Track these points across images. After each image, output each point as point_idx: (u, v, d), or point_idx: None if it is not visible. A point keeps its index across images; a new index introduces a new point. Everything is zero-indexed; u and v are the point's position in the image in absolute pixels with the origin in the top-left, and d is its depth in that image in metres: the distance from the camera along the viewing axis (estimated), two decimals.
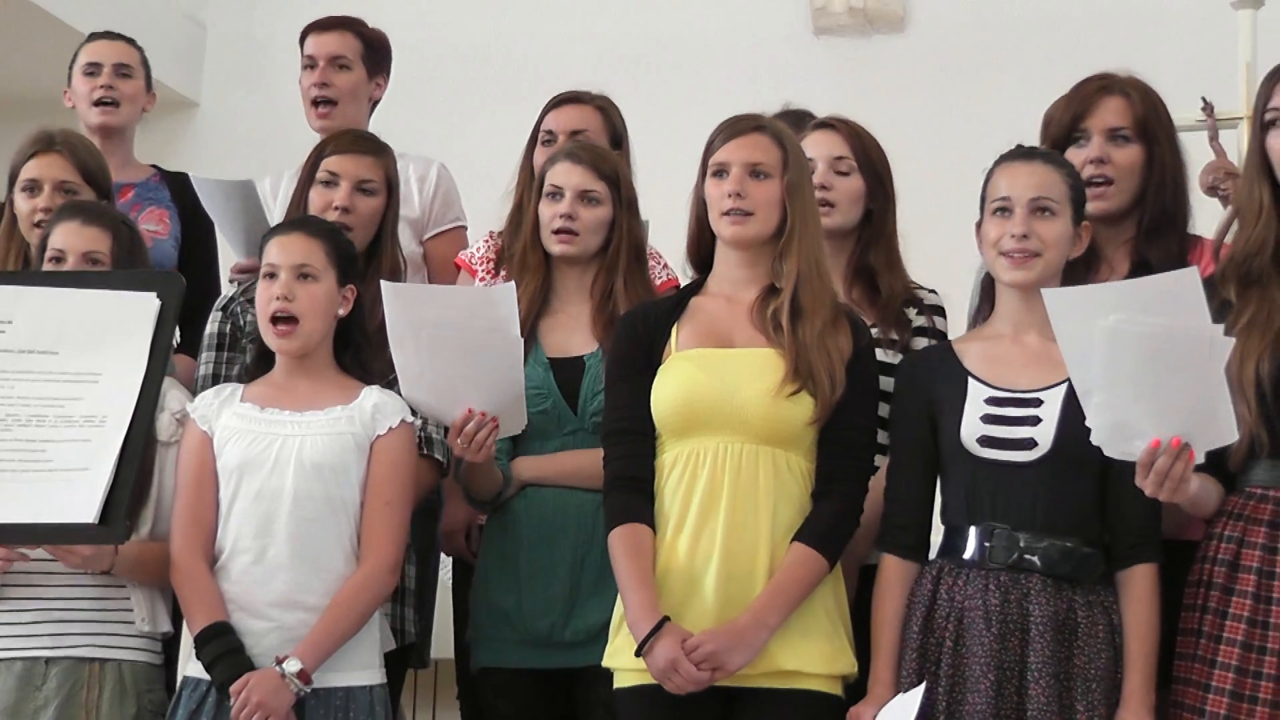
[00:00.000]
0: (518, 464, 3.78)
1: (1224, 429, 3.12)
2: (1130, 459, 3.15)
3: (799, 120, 4.28)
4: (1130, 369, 3.08)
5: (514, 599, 3.74)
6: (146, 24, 4.90)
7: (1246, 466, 3.32)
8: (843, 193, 3.83)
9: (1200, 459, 3.14)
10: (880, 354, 3.66)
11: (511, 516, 3.79)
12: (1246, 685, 3.23)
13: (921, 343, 3.73)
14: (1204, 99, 4.79)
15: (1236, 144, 5.05)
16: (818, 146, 3.85)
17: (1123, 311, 3.07)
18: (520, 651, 3.74)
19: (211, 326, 4.04)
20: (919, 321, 3.78)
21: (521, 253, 3.91)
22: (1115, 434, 3.15)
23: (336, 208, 3.98)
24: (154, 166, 4.78)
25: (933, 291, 3.88)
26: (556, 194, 3.85)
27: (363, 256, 3.96)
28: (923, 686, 3.23)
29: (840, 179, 3.84)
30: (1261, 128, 3.39)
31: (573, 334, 3.82)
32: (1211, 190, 4.49)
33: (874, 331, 3.69)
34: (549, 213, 3.84)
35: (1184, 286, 3.10)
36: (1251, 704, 3.22)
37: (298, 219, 3.87)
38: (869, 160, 3.86)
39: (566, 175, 3.86)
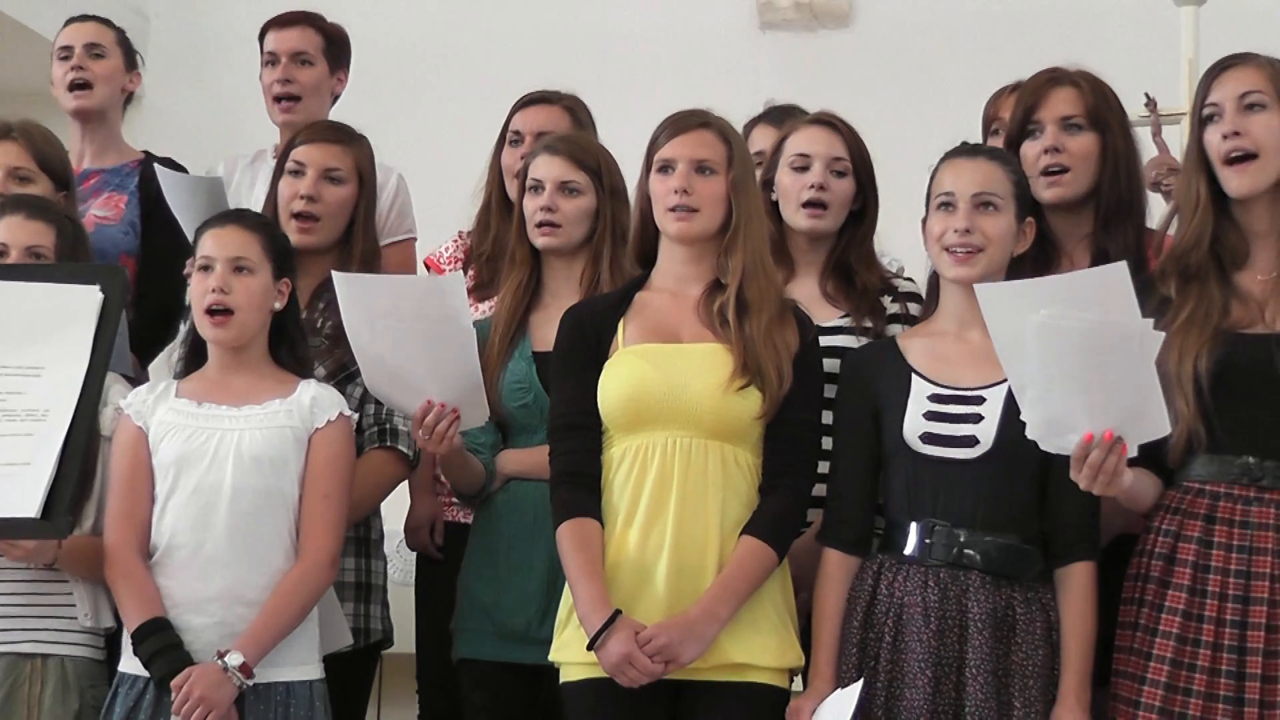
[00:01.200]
0: (502, 458, 3.80)
1: (1156, 422, 3.15)
2: (1064, 453, 3.18)
3: (785, 116, 4.27)
4: (1062, 364, 3.10)
5: (493, 593, 3.75)
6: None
7: (1185, 462, 3.35)
8: (837, 195, 3.80)
9: (1133, 452, 3.17)
10: (853, 341, 3.69)
11: (495, 510, 3.80)
12: (1181, 677, 3.26)
13: (895, 329, 3.72)
14: (1147, 95, 4.81)
15: (1180, 140, 5.08)
16: (815, 143, 3.82)
17: (1054, 307, 3.09)
18: (497, 645, 3.75)
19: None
20: (894, 309, 3.78)
21: (511, 249, 3.91)
22: (1049, 428, 3.17)
23: (302, 196, 3.98)
24: (145, 153, 4.73)
25: (909, 279, 3.88)
26: (537, 187, 3.85)
27: (337, 247, 3.97)
28: (861, 682, 3.26)
29: (837, 180, 3.80)
30: (1200, 123, 3.41)
31: None
32: (1155, 186, 4.51)
33: (847, 321, 3.72)
34: (531, 206, 3.85)
35: (1113, 282, 3.12)
36: (1185, 695, 3.25)
37: (233, 211, 3.86)
38: (863, 161, 3.83)
39: (546, 168, 3.85)
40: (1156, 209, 4.02)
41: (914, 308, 3.79)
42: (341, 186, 4.03)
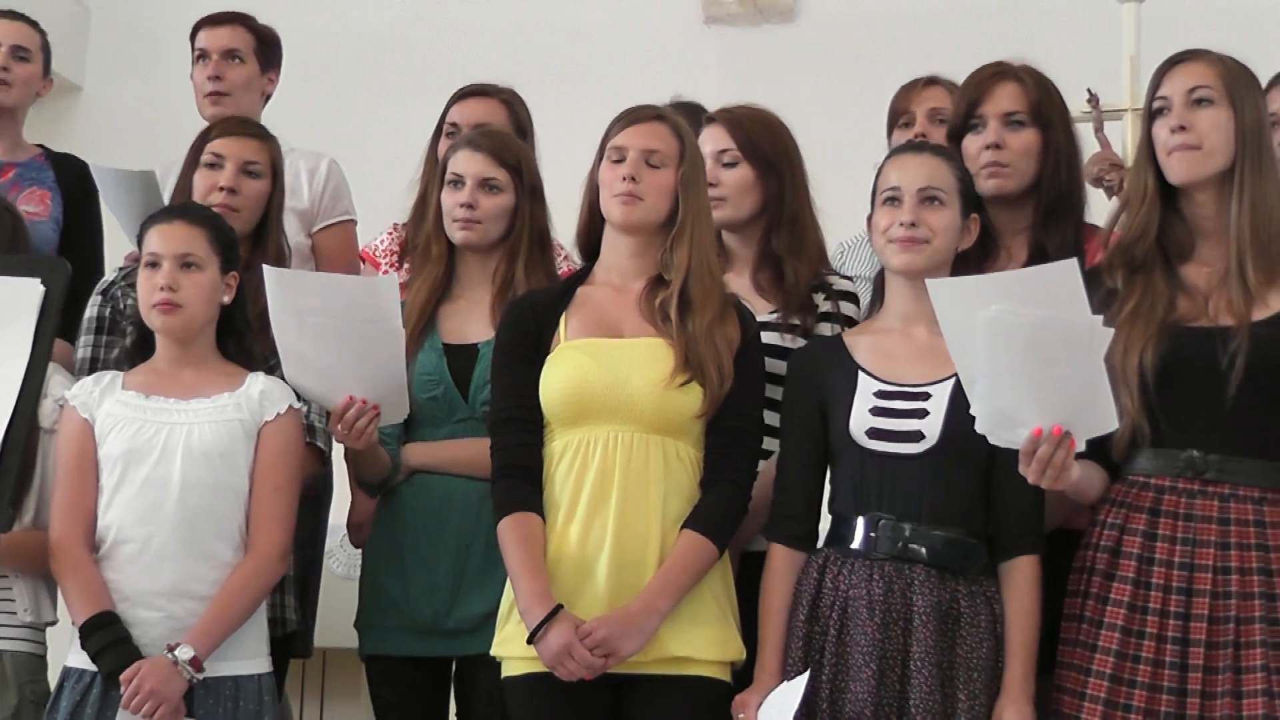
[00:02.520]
0: (407, 450, 3.79)
1: (1104, 418, 3.17)
2: (1013, 447, 3.19)
3: (691, 113, 4.29)
4: (1012, 359, 3.12)
5: (399, 586, 3.75)
6: (30, 5, 4.83)
7: (1130, 455, 3.36)
8: (730, 185, 3.81)
9: (1081, 447, 3.18)
10: (780, 339, 3.69)
11: (399, 503, 3.79)
12: (1125, 669, 3.27)
13: (826, 329, 3.74)
14: (1090, 91, 4.84)
15: (1121, 136, 5.11)
16: (703, 144, 3.83)
17: (1005, 302, 3.10)
18: (404, 639, 3.74)
19: (91, 310, 4.00)
20: (825, 307, 3.78)
21: (425, 241, 3.91)
22: (998, 422, 3.18)
23: (222, 188, 3.96)
24: (40, 147, 4.72)
25: (847, 277, 3.88)
26: (458, 182, 3.84)
27: (248, 240, 3.95)
28: (806, 675, 3.26)
29: (726, 171, 3.81)
30: (1150, 116, 3.44)
31: (471, 321, 3.82)
32: (1096, 181, 4.54)
33: (775, 317, 3.72)
34: (450, 201, 3.84)
35: (1064, 278, 3.13)
36: (1130, 686, 3.26)
37: (178, 206, 3.84)
38: (755, 147, 3.82)
39: (467, 163, 3.85)
40: (1098, 204, 4.05)
41: (847, 306, 3.79)
42: (259, 181, 4.03)
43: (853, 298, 3.82)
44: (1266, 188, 3.36)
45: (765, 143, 3.84)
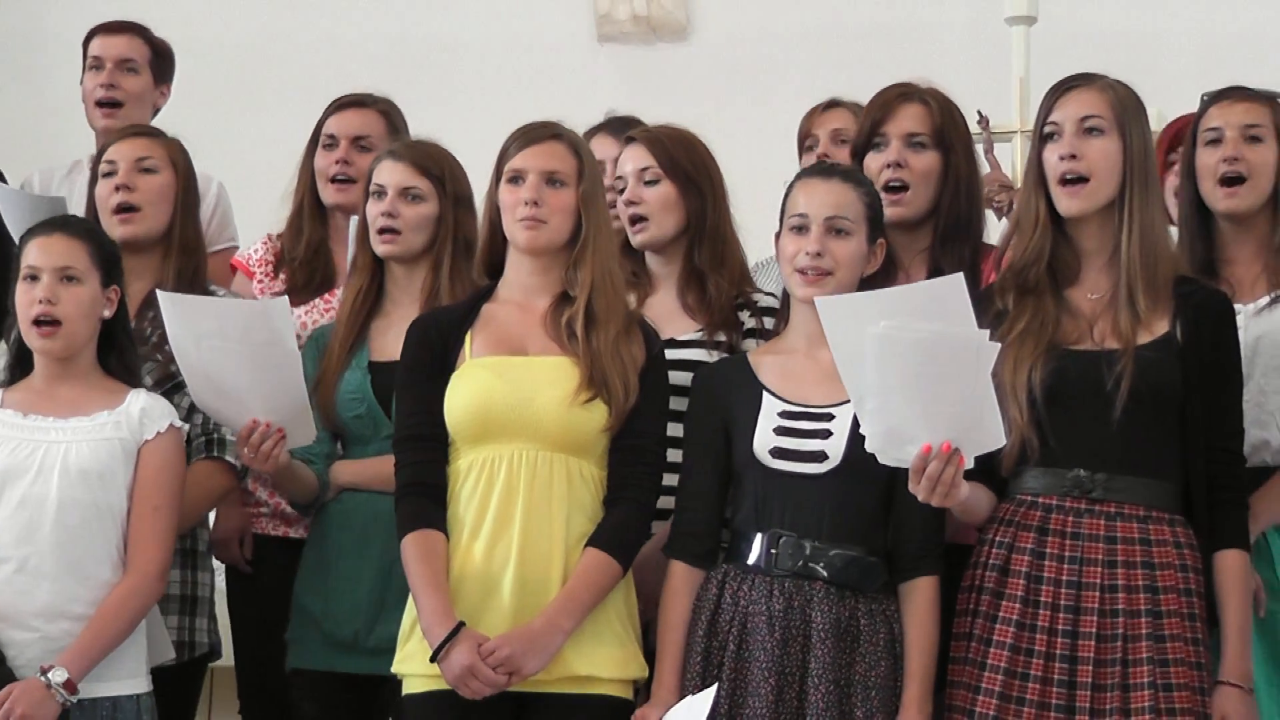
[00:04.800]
0: (336, 468, 3.78)
1: (992, 434, 3.19)
2: (903, 465, 3.21)
3: (624, 126, 4.27)
4: (901, 375, 3.13)
5: (322, 603, 3.74)
6: None
7: (1017, 473, 3.39)
8: (653, 203, 3.80)
9: (970, 464, 3.20)
10: (706, 355, 3.69)
11: (327, 521, 3.78)
12: (1014, 687, 3.30)
13: (753, 344, 3.73)
14: (980, 112, 4.87)
15: (1011, 157, 5.15)
16: (625, 162, 3.85)
17: (892, 318, 3.11)
18: (327, 654, 3.73)
19: None
20: (750, 323, 3.78)
21: (354, 255, 3.88)
22: (888, 440, 3.20)
23: (118, 188, 3.93)
24: None
25: (770, 294, 3.88)
26: (379, 193, 3.82)
27: (161, 240, 3.93)
28: (713, 689, 3.26)
29: (648, 189, 3.81)
30: (1040, 139, 3.46)
31: (399, 337, 3.77)
32: (986, 202, 4.57)
33: (701, 334, 3.73)
34: (372, 212, 3.82)
35: (951, 293, 3.16)
36: (1019, 705, 3.29)
37: (58, 219, 3.78)
38: (675, 164, 3.82)
39: (388, 173, 3.83)
40: (988, 224, 4.07)
41: (771, 322, 3.79)
42: (156, 175, 3.98)
43: (775, 313, 3.81)
44: (1153, 215, 3.41)
45: (685, 159, 3.84)
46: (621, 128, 4.26)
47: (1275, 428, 3.51)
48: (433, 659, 3.31)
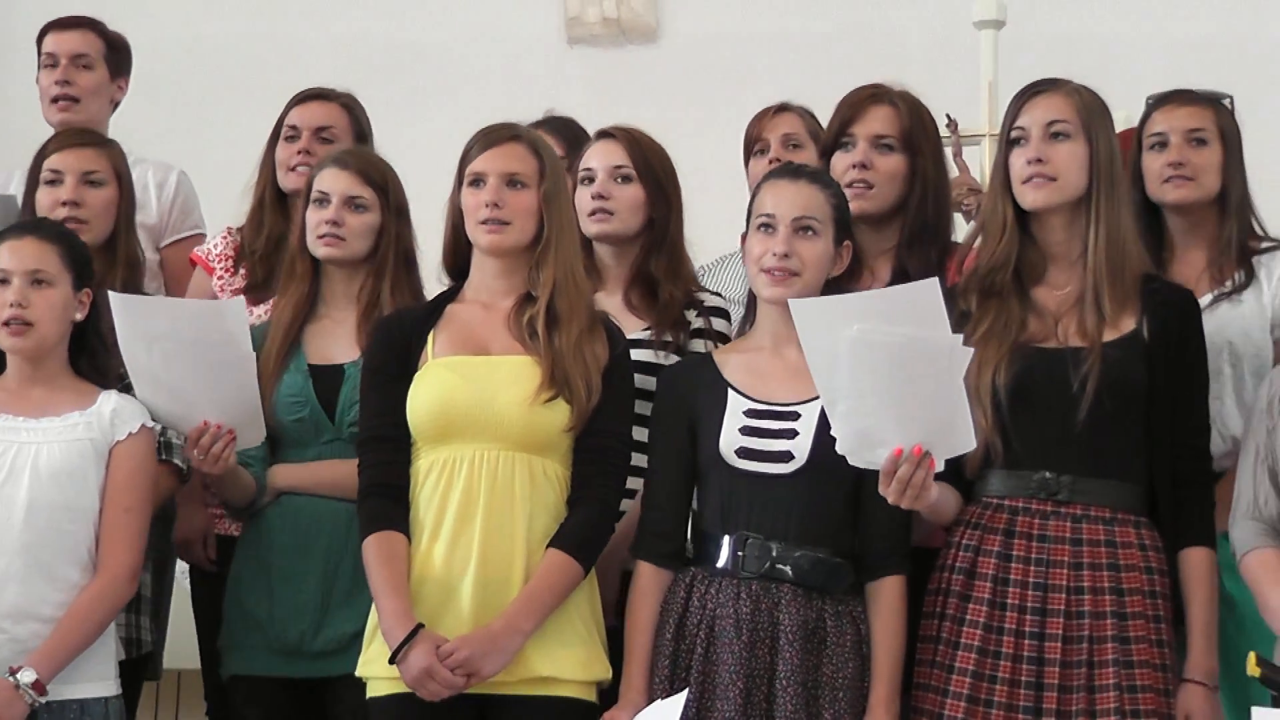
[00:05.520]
0: (274, 472, 3.76)
1: (963, 437, 3.20)
2: (874, 467, 3.21)
3: (562, 127, 4.28)
4: (873, 378, 3.14)
5: (265, 607, 3.71)
6: None
7: (983, 475, 3.41)
8: (622, 201, 3.82)
9: (940, 467, 3.21)
10: (652, 355, 3.70)
11: (266, 524, 3.76)
12: (981, 689, 3.31)
13: (699, 345, 3.75)
14: (948, 116, 4.88)
15: (979, 161, 5.17)
16: (598, 156, 3.86)
17: (866, 321, 3.13)
18: (270, 659, 3.71)
19: None
20: (698, 323, 3.79)
21: (290, 259, 3.87)
22: (860, 443, 3.20)
23: (64, 203, 3.92)
24: None
25: (717, 294, 3.90)
26: (323, 200, 3.81)
27: (102, 252, 3.90)
28: (685, 693, 3.24)
29: (619, 187, 3.83)
30: (1007, 143, 3.48)
31: (336, 341, 3.79)
32: (955, 205, 4.58)
33: (648, 334, 3.73)
34: (315, 218, 3.81)
35: (925, 297, 3.17)
36: (986, 707, 3.30)
37: (30, 222, 3.80)
38: (649, 168, 3.84)
39: (333, 181, 3.81)
40: (957, 228, 4.08)
41: (718, 323, 3.81)
42: (102, 189, 3.99)
43: (724, 314, 3.84)
44: (1120, 216, 3.43)
45: (659, 167, 3.87)
46: (560, 127, 4.28)
47: (1215, 432, 3.53)
48: (392, 660, 3.31)
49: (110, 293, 3.55)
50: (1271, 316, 3.73)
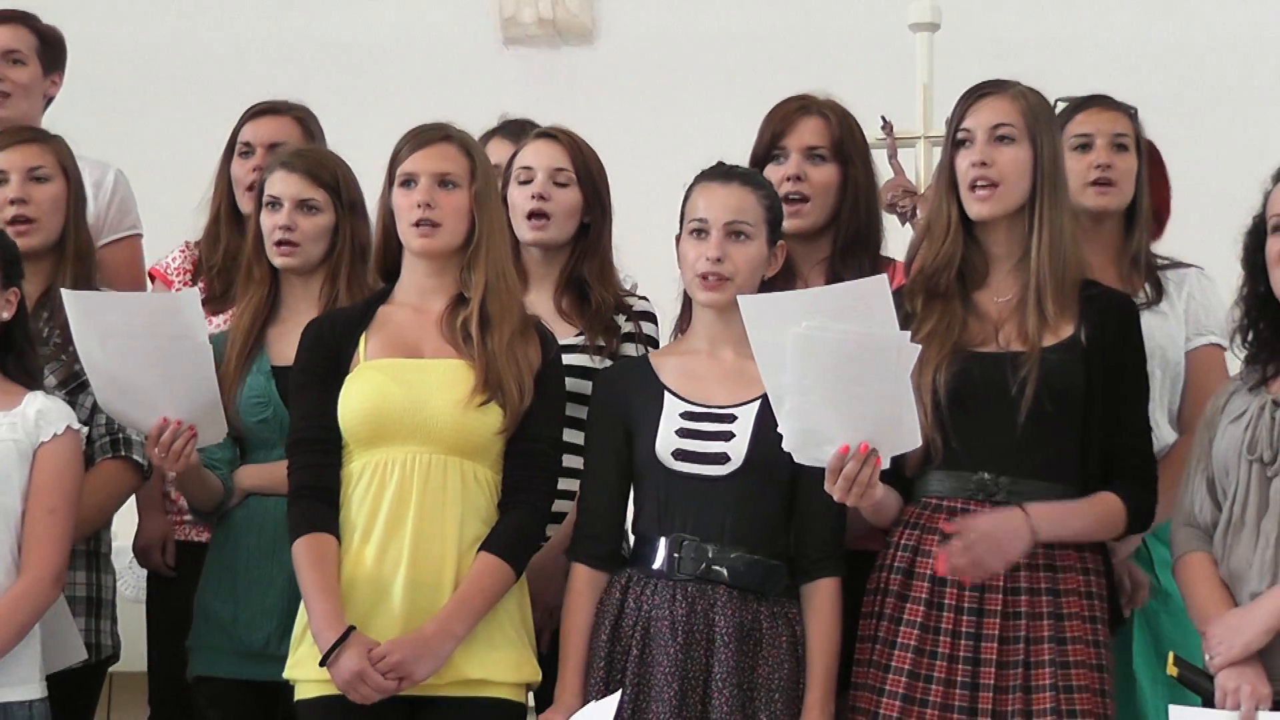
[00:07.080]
0: (240, 473, 3.74)
1: (909, 435, 3.20)
2: (820, 465, 3.21)
3: (519, 130, 4.26)
4: (820, 375, 3.14)
5: (231, 609, 3.69)
6: None
7: (922, 475, 3.41)
8: (560, 205, 3.81)
9: (886, 464, 3.21)
10: (586, 360, 3.70)
11: (233, 526, 3.74)
12: (918, 689, 3.32)
13: (630, 349, 3.75)
14: (884, 118, 4.88)
15: (913, 162, 5.18)
16: (538, 155, 3.84)
17: (814, 318, 3.12)
18: (235, 662, 3.69)
19: None
20: (628, 328, 3.79)
21: (247, 264, 3.85)
22: (806, 440, 3.20)
23: (12, 201, 3.88)
24: None
25: (644, 298, 3.90)
26: (275, 204, 3.78)
27: (54, 248, 3.89)
28: (618, 695, 3.26)
29: (559, 190, 3.82)
30: (952, 145, 3.48)
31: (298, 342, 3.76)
32: (890, 207, 4.59)
33: (581, 339, 3.73)
34: (269, 224, 3.78)
35: (873, 294, 3.18)
36: (922, 707, 3.31)
37: None
38: (588, 173, 3.84)
39: (283, 185, 3.79)
40: (891, 229, 4.09)
41: (648, 327, 3.83)
42: (49, 184, 3.95)
43: (652, 318, 3.85)
44: (1063, 221, 3.44)
45: (595, 171, 3.87)
46: (517, 131, 4.25)
47: None
48: (322, 663, 3.29)
49: (63, 290, 3.51)
50: (1185, 332, 3.78)
